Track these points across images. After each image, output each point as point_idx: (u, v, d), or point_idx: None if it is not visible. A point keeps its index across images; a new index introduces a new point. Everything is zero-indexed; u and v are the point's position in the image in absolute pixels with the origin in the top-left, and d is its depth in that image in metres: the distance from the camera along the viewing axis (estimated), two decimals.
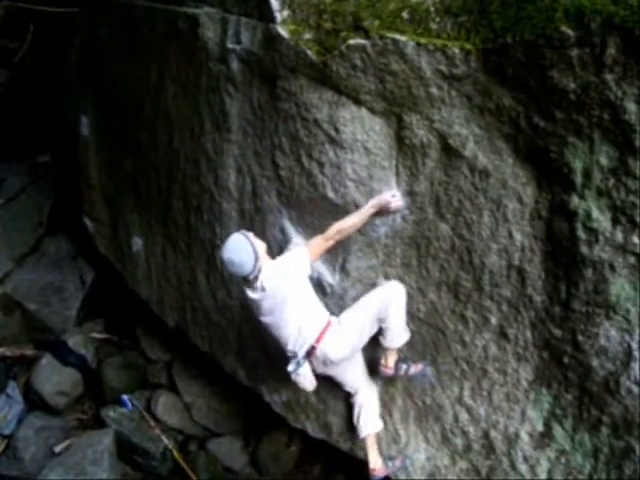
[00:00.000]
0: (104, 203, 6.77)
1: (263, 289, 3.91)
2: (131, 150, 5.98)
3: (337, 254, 4.29)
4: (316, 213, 4.29)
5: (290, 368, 4.08)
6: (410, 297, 4.18)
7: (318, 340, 3.99)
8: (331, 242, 4.02)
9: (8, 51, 7.57)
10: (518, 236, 3.67)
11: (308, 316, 4.02)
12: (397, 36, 3.63)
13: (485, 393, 4.08)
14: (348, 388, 4.49)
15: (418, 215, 3.97)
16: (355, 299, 4.27)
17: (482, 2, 3.46)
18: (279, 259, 4.01)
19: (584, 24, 3.12)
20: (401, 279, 4.18)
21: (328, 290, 4.39)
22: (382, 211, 4.01)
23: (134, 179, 6.05)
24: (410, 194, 3.95)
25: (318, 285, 4.40)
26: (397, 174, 3.97)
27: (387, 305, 4.05)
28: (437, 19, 3.60)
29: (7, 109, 7.66)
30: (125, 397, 6.61)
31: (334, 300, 4.39)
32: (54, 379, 6.75)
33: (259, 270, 3.87)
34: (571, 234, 3.48)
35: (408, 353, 4.31)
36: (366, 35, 3.71)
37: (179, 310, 5.97)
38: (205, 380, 6.35)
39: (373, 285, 4.28)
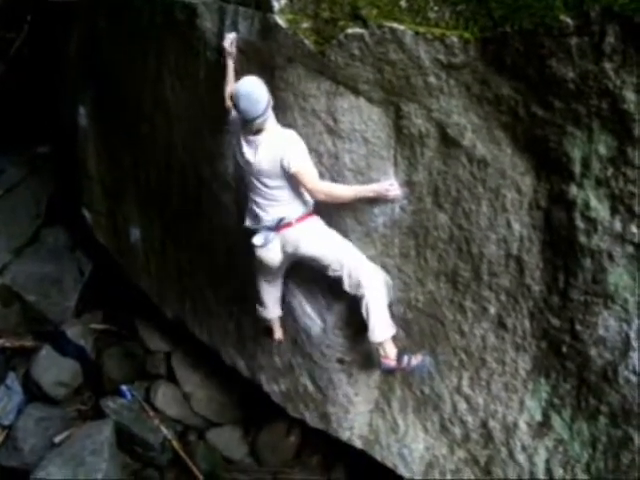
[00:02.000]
0: (103, 194, 6.77)
1: (261, 143, 3.94)
2: (130, 141, 5.97)
3: None
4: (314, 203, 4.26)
5: (258, 242, 4.06)
6: (408, 287, 4.18)
7: (300, 220, 4.02)
8: (316, 192, 3.96)
9: (5, 41, 7.54)
10: (517, 226, 3.66)
11: (292, 194, 4.01)
12: (395, 25, 3.61)
13: (484, 383, 4.09)
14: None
15: (416, 205, 3.96)
16: None
17: None
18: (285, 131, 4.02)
19: (583, 13, 3.10)
20: (399, 269, 4.18)
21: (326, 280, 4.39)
22: (379, 199, 4.01)
23: (133, 170, 6.05)
24: (408, 184, 3.93)
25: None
26: (395, 164, 3.96)
27: (367, 289, 4.00)
28: (435, 8, 3.58)
29: (5, 100, 7.64)
30: (124, 387, 6.63)
31: (332, 290, 4.37)
32: (53, 370, 6.77)
33: (266, 118, 3.90)
34: (570, 224, 3.47)
35: (406, 342, 4.32)
36: (364, 24, 3.69)
37: (178, 301, 5.98)
38: (204, 370, 6.36)
39: None
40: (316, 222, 4.12)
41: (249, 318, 5.08)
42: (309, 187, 3.95)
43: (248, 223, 4.22)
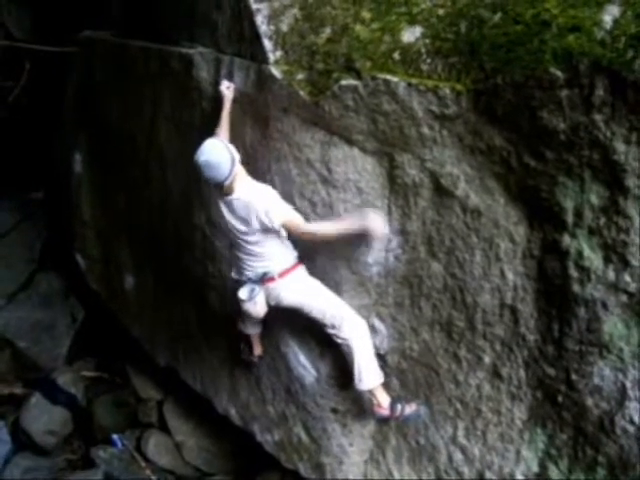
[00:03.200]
0: (96, 240, 6.76)
1: (235, 203, 3.95)
2: (124, 187, 5.99)
3: None
4: (307, 252, 4.25)
5: (243, 295, 4.06)
6: (403, 336, 4.17)
7: (282, 275, 4.01)
8: (307, 235, 3.98)
9: (4, 90, 7.62)
10: (510, 275, 3.67)
11: (273, 249, 4.01)
12: (389, 77, 3.67)
13: (479, 433, 4.05)
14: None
15: (410, 254, 3.97)
16: None
17: (472, 44, 3.51)
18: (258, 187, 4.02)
19: (572, 66, 3.16)
20: (394, 318, 4.17)
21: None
22: (368, 238, 3.95)
23: (126, 216, 6.06)
24: (402, 233, 3.95)
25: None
26: (389, 213, 3.98)
27: (351, 336, 4.02)
28: (428, 60, 3.64)
29: (0, 147, 7.69)
30: (115, 436, 6.52)
31: (326, 340, 4.36)
32: (43, 418, 6.67)
33: (234, 176, 3.88)
34: (563, 273, 3.49)
35: (401, 392, 4.28)
36: (358, 76, 3.75)
37: (171, 349, 5.93)
38: (196, 420, 6.27)
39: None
40: (299, 274, 4.13)
41: (242, 367, 5.04)
42: (300, 233, 3.96)
43: (234, 274, 4.26)
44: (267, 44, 4.07)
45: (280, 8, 4.10)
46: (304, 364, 4.57)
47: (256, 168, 4.36)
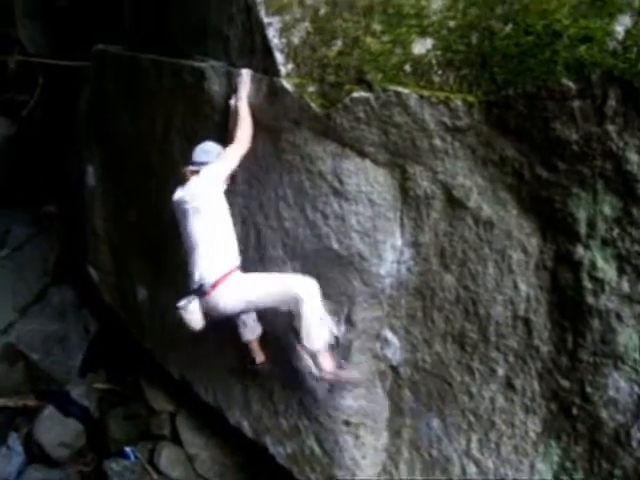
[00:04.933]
0: (109, 252, 6.78)
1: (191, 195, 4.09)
2: (136, 200, 6.02)
3: (342, 305, 4.28)
4: (320, 265, 4.28)
5: (180, 304, 4.05)
6: (415, 348, 4.16)
7: (215, 285, 3.97)
8: (241, 151, 4.17)
9: (18, 104, 7.70)
10: (523, 287, 3.66)
11: (216, 249, 4.03)
12: (400, 89, 3.69)
13: (493, 445, 4.02)
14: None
15: (423, 266, 3.97)
16: (360, 351, 4.26)
17: (484, 55, 3.52)
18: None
19: (584, 76, 3.17)
20: (406, 330, 4.16)
21: (333, 341, 4.35)
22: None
23: (139, 229, 6.07)
24: (415, 245, 3.96)
25: None
26: (402, 225, 3.98)
27: (299, 300, 3.95)
28: (439, 72, 3.65)
29: (14, 160, 7.75)
30: (128, 449, 6.51)
31: (339, 351, 4.35)
32: (56, 430, 6.67)
33: (197, 171, 4.14)
34: (577, 284, 3.47)
35: (414, 404, 4.27)
36: (369, 88, 3.77)
37: (183, 361, 5.93)
38: (209, 432, 6.25)
39: (378, 336, 4.27)
40: (233, 280, 4.05)
41: (254, 379, 5.04)
42: (237, 158, 4.17)
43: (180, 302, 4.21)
44: (279, 57, 4.10)
45: (291, 21, 4.12)
46: (317, 376, 4.55)
47: (268, 180, 4.38)
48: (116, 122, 6.08)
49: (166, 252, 5.73)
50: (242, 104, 4.22)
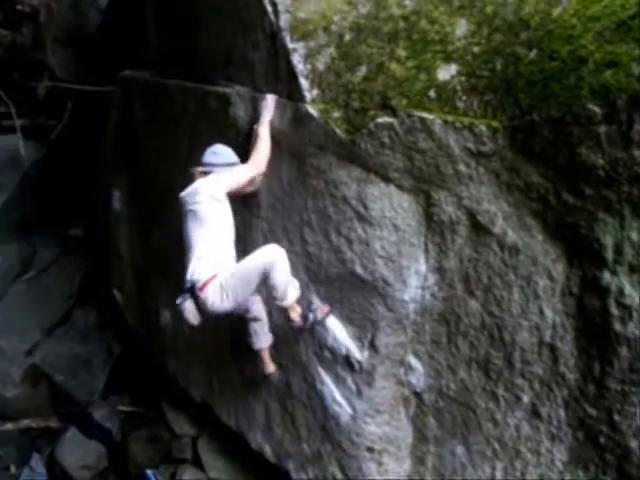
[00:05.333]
0: (133, 275, 6.83)
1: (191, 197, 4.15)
2: (161, 224, 6.06)
3: (366, 330, 4.26)
4: (344, 290, 4.28)
5: (178, 300, 4.11)
6: (440, 374, 4.12)
7: (202, 288, 4.01)
8: (257, 172, 4.36)
9: (47, 128, 7.82)
10: (549, 313, 3.62)
11: (209, 254, 4.08)
12: (424, 114, 3.70)
13: (518, 474, 3.95)
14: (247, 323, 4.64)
15: (447, 292, 3.95)
16: (384, 376, 4.23)
17: (508, 81, 3.52)
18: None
19: (610, 101, 3.15)
20: (430, 356, 4.13)
21: (356, 366, 4.34)
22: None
23: (163, 252, 6.11)
24: (439, 271, 3.94)
25: (346, 361, 4.38)
26: (426, 251, 3.97)
27: (268, 265, 4.01)
28: (464, 97, 3.66)
29: (42, 183, 7.86)
30: (149, 472, 6.50)
31: (362, 377, 4.34)
32: (78, 452, 6.71)
33: (205, 172, 4.29)
34: (604, 311, 3.43)
35: (438, 431, 4.23)
36: (394, 113, 3.79)
37: (205, 384, 5.93)
38: (231, 456, 6.23)
39: (402, 362, 4.25)
40: (217, 282, 4.06)
41: (277, 403, 5.03)
42: (249, 177, 4.33)
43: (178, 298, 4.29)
44: (303, 83, 4.13)
45: (316, 47, 4.16)
46: (340, 402, 4.53)
47: (292, 205, 4.41)
48: (142, 147, 6.16)
49: None
50: (263, 129, 4.28)
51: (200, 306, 4.07)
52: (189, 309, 4.10)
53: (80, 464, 6.65)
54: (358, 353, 4.33)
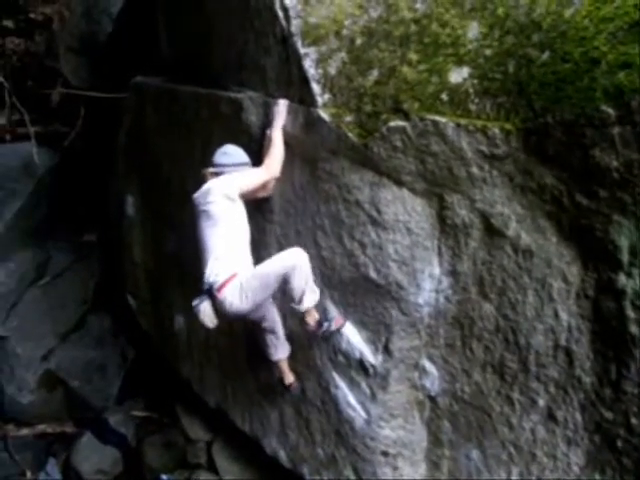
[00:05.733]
0: (147, 281, 6.86)
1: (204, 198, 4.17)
2: (174, 228, 6.08)
3: (380, 334, 4.26)
4: (358, 294, 4.28)
5: (194, 302, 4.11)
6: (454, 378, 4.11)
7: (220, 289, 4.00)
8: (270, 177, 4.35)
9: (60, 135, 7.88)
10: (564, 316, 3.60)
11: (226, 254, 4.09)
12: (437, 117, 3.69)
13: (534, 478, 3.93)
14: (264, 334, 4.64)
15: (461, 295, 3.94)
16: (398, 380, 4.23)
17: (521, 83, 3.51)
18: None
19: (624, 103, 3.13)
20: (445, 360, 4.12)
21: (370, 371, 4.34)
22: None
23: (177, 257, 6.13)
24: (453, 274, 3.93)
25: (360, 365, 4.37)
26: (439, 254, 3.96)
27: (289, 268, 4.01)
28: (476, 100, 3.65)
29: (56, 190, 7.91)
30: (164, 477, 6.52)
31: (377, 381, 4.33)
32: (94, 457, 6.74)
33: (217, 173, 4.32)
34: (619, 313, 3.40)
35: (453, 435, 4.21)
36: (406, 117, 3.78)
37: (220, 389, 5.94)
38: (245, 461, 6.23)
39: (416, 366, 4.24)
40: (236, 283, 4.06)
41: (291, 408, 5.03)
42: (262, 180, 4.33)
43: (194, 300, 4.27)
44: (315, 87, 4.13)
45: (328, 52, 4.16)
46: (354, 406, 4.53)
47: (305, 209, 4.41)
48: (154, 152, 6.18)
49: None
50: (276, 134, 4.29)
51: (218, 307, 4.07)
52: (206, 311, 4.10)
53: (95, 469, 6.68)
54: (372, 357, 4.33)
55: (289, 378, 4.81)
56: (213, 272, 4.05)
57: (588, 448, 3.69)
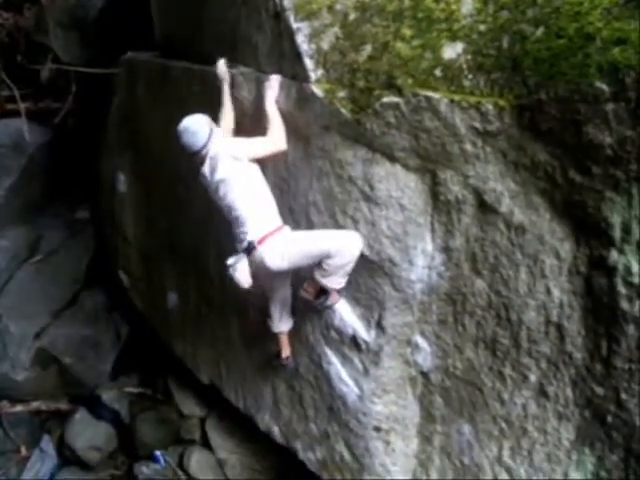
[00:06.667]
0: (140, 258, 6.86)
1: (213, 169, 4.18)
2: (166, 206, 6.08)
3: (372, 310, 4.27)
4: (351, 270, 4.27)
5: (229, 261, 4.12)
6: (446, 354, 4.13)
7: (261, 241, 4.04)
8: (278, 149, 4.26)
9: (51, 111, 7.82)
10: (556, 292, 3.61)
11: (258, 210, 4.13)
12: (430, 93, 3.66)
13: (525, 453, 3.97)
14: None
15: (454, 271, 3.94)
16: (390, 356, 4.26)
17: (515, 59, 3.48)
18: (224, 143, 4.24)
19: (618, 79, 3.11)
20: (437, 336, 4.14)
21: (363, 346, 4.36)
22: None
23: (169, 234, 6.13)
24: (446, 250, 3.93)
25: (353, 341, 4.39)
26: (432, 230, 3.96)
27: (342, 246, 4.02)
28: (470, 76, 3.62)
29: (48, 166, 7.87)
30: (158, 453, 6.58)
31: (369, 357, 4.35)
32: (88, 434, 6.79)
33: (209, 148, 4.19)
34: (611, 290, 3.41)
35: (445, 410, 4.24)
36: (399, 93, 3.75)
37: (213, 366, 5.96)
38: (239, 436, 6.29)
39: (409, 342, 4.26)
40: (279, 237, 4.12)
41: (284, 384, 5.05)
42: (270, 151, 4.22)
43: (230, 261, 4.22)
44: (308, 63, 4.10)
45: (320, 27, 4.12)
46: (346, 382, 4.56)
47: (298, 185, 4.40)
48: (146, 129, 6.15)
49: (196, 258, 5.77)
50: (271, 108, 4.25)
51: (255, 260, 4.08)
52: (242, 270, 4.11)
53: (89, 445, 6.73)
54: (365, 333, 4.34)
55: (286, 351, 4.82)
56: (250, 232, 4.08)
57: (579, 423, 3.72)
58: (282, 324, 4.75)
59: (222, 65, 4.58)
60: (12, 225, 7.68)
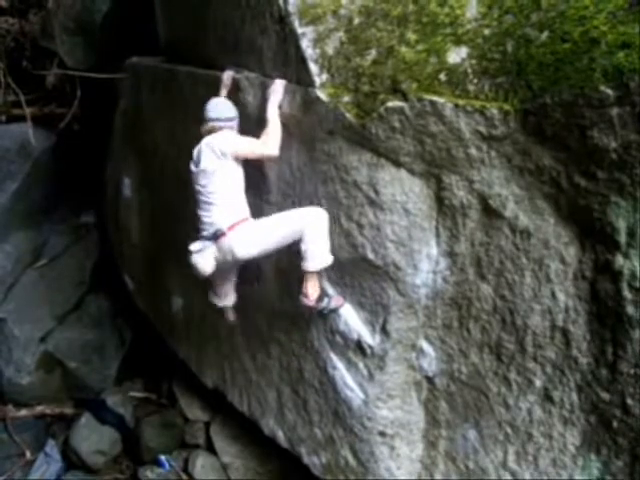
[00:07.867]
0: (144, 262, 6.86)
1: (198, 159, 4.32)
2: (171, 209, 6.07)
3: (377, 315, 4.27)
4: (356, 274, 4.28)
5: (194, 247, 4.20)
6: (451, 359, 4.13)
7: (230, 228, 4.13)
8: (266, 154, 4.27)
9: (56, 116, 7.83)
10: (562, 297, 3.61)
11: (229, 201, 4.22)
12: (435, 98, 3.67)
13: (530, 458, 3.96)
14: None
15: (459, 276, 3.94)
16: (395, 361, 4.25)
17: (519, 63, 3.48)
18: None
19: (623, 83, 3.11)
20: (442, 340, 4.14)
21: (368, 351, 4.36)
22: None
23: (174, 238, 6.13)
24: (450, 255, 3.93)
25: (358, 346, 4.39)
26: (437, 235, 3.96)
27: (306, 225, 4.10)
28: (475, 80, 3.63)
29: (53, 171, 7.88)
30: (163, 457, 6.57)
31: (374, 361, 4.35)
32: (92, 438, 6.78)
33: (221, 127, 4.40)
34: (616, 294, 3.41)
35: (450, 415, 4.24)
36: (404, 97, 3.76)
37: (218, 370, 5.96)
38: (243, 441, 6.28)
39: (413, 346, 4.26)
40: (248, 225, 4.23)
41: (289, 388, 5.05)
42: (257, 154, 4.26)
43: (193, 246, 4.28)
44: (313, 67, 4.10)
45: (325, 32, 4.13)
46: (351, 386, 4.55)
47: (303, 190, 4.40)
48: (151, 133, 6.16)
49: None
50: (272, 112, 4.27)
51: (223, 249, 4.16)
52: (206, 256, 4.19)
53: (94, 449, 6.72)
54: (370, 338, 4.34)
55: (231, 317, 5.11)
56: (218, 219, 4.17)
57: (584, 428, 3.71)
58: (227, 299, 4.95)
59: (228, 77, 4.72)
60: (16, 229, 7.68)
